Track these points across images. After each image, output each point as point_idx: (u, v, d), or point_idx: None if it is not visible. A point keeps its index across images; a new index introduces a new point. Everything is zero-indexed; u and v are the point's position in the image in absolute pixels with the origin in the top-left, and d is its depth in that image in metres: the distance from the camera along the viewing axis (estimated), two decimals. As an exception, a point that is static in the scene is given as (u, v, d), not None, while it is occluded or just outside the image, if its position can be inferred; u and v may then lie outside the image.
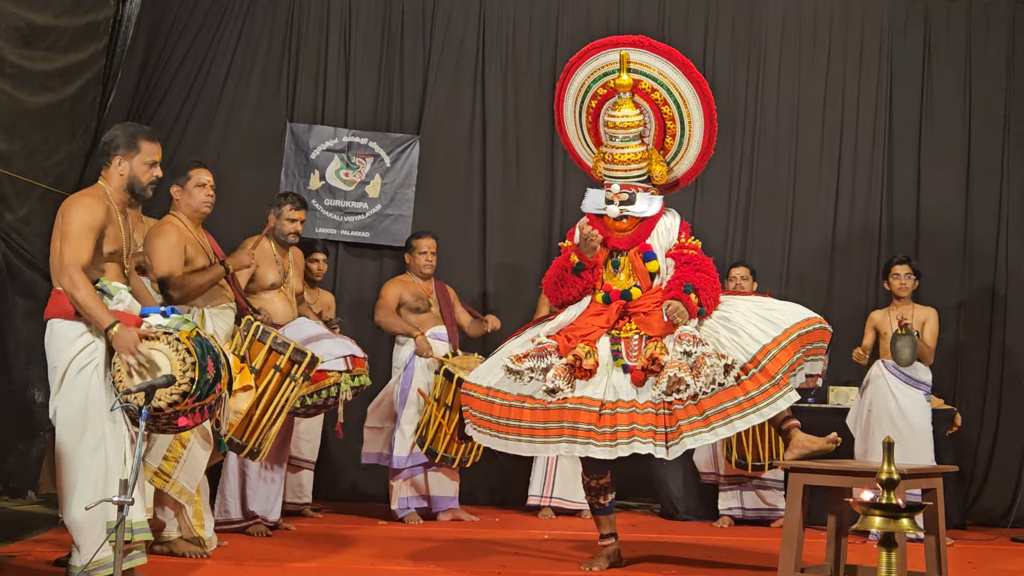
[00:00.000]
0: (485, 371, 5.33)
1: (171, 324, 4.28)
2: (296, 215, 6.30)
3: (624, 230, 5.30)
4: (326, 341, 5.98)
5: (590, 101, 5.45)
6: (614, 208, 5.27)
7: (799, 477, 4.70)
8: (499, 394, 5.12)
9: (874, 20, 8.48)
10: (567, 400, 4.93)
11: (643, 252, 5.32)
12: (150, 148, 4.52)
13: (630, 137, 5.29)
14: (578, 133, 5.57)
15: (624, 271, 5.31)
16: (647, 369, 4.94)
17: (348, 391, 5.95)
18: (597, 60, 5.35)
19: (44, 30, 6.35)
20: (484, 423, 5.19)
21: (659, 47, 5.29)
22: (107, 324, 4.22)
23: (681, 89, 5.33)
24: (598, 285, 5.31)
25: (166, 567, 4.84)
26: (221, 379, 4.33)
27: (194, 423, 4.35)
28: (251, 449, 5.41)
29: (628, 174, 5.31)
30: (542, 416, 4.96)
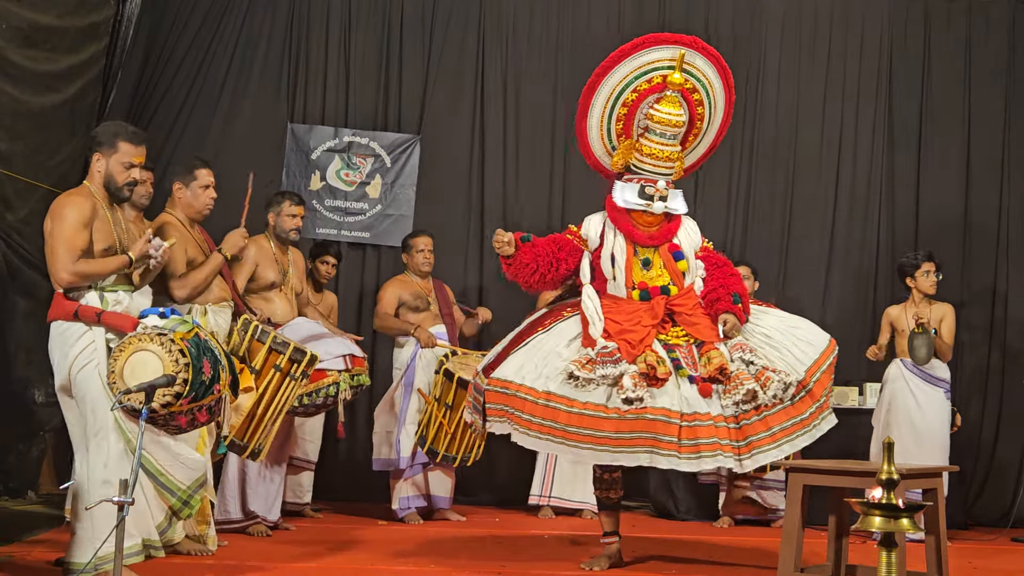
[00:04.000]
0: (531, 371, 5.05)
1: (167, 325, 4.27)
2: (296, 211, 6.30)
3: (650, 226, 5.30)
4: (325, 340, 5.98)
5: (629, 95, 5.34)
6: (660, 204, 5.26)
7: (799, 477, 4.70)
8: (563, 400, 4.90)
9: (874, 20, 8.48)
10: (646, 410, 4.80)
11: (673, 251, 5.31)
12: (129, 149, 4.53)
13: (675, 135, 5.30)
14: (602, 124, 5.43)
15: (655, 268, 5.29)
16: (714, 379, 4.92)
17: (347, 390, 5.95)
18: (645, 56, 5.28)
19: (47, 30, 6.36)
20: (543, 428, 4.91)
21: (708, 49, 5.35)
22: (127, 261, 4.43)
23: (715, 93, 5.41)
24: (629, 283, 5.25)
25: (168, 566, 4.84)
26: (219, 379, 4.31)
27: (196, 424, 4.35)
28: (252, 449, 5.42)
29: (669, 171, 5.32)
30: (623, 426, 4.80)
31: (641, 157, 5.30)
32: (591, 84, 5.35)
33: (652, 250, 5.31)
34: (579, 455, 4.90)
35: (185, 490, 4.61)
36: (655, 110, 5.28)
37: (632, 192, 5.27)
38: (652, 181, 5.27)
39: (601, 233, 5.34)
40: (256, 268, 6.07)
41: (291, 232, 6.29)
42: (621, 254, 5.28)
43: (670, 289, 5.24)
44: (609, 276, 5.29)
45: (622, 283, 5.26)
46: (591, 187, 8.36)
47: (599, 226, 5.35)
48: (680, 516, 7.51)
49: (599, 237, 5.34)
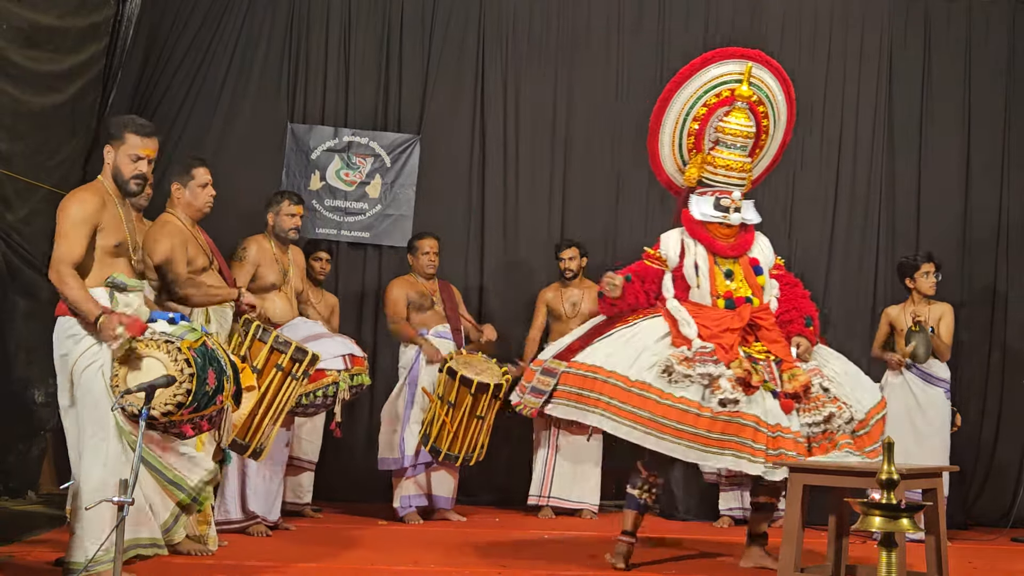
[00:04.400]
0: (621, 360, 5.12)
1: (176, 332, 4.22)
2: (295, 210, 6.30)
3: (727, 237, 5.42)
4: (325, 340, 5.98)
5: (700, 108, 5.50)
6: (736, 215, 5.38)
7: (799, 477, 4.70)
8: (657, 391, 4.97)
9: (874, 20, 8.48)
10: (739, 414, 4.88)
11: (753, 265, 5.45)
12: (136, 141, 4.47)
13: (744, 146, 5.44)
14: (674, 140, 5.57)
15: (737, 279, 5.39)
16: (795, 396, 5.00)
17: (346, 390, 5.95)
18: (714, 70, 5.45)
19: (48, 31, 6.35)
20: (632, 416, 4.97)
21: (771, 62, 5.57)
22: (95, 315, 4.20)
23: (779, 105, 5.60)
24: (714, 291, 5.34)
25: (169, 566, 4.84)
26: (223, 391, 4.27)
27: (197, 433, 4.34)
28: (254, 449, 5.41)
29: (742, 181, 5.44)
30: (715, 426, 4.87)
31: (714, 169, 5.42)
32: (662, 102, 5.51)
33: (733, 261, 5.43)
34: (667, 448, 4.92)
35: (194, 487, 4.59)
36: (725, 122, 5.44)
37: (708, 205, 5.39)
38: (727, 192, 5.38)
39: (680, 250, 5.43)
40: (257, 268, 6.08)
41: (290, 231, 6.29)
42: (704, 262, 5.38)
43: (753, 300, 5.34)
44: (693, 284, 5.37)
45: (707, 291, 5.35)
46: (591, 187, 8.39)
47: (677, 243, 5.45)
48: (680, 516, 7.51)
49: (679, 255, 5.43)
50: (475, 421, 6.73)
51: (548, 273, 8.02)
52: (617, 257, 8.31)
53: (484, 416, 6.75)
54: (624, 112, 8.38)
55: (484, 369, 6.80)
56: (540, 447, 7.45)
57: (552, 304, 7.67)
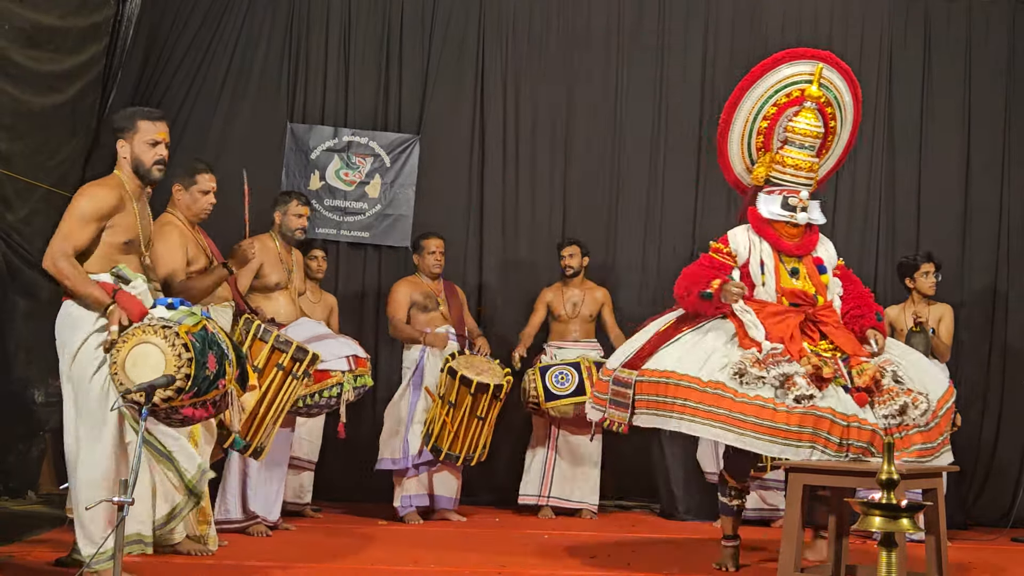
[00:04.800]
0: (692, 363, 5.10)
1: (174, 317, 4.21)
2: (303, 210, 6.31)
3: (793, 236, 5.44)
4: (329, 341, 5.98)
5: (770, 108, 5.54)
6: (803, 215, 5.40)
7: (799, 477, 4.70)
8: (731, 391, 4.95)
9: (874, 20, 8.48)
10: (815, 407, 4.86)
11: (817, 264, 5.47)
12: (149, 127, 4.49)
13: (813, 145, 5.45)
14: (743, 139, 5.60)
15: (802, 278, 5.41)
16: (868, 390, 5.01)
17: (350, 391, 5.95)
18: (784, 70, 5.50)
19: (50, 31, 6.35)
20: (709, 415, 4.96)
21: (841, 64, 5.61)
22: (105, 303, 4.22)
23: (846, 106, 5.63)
24: (779, 289, 5.35)
25: (169, 566, 4.84)
26: (225, 374, 4.27)
27: (199, 417, 4.33)
28: (255, 448, 5.41)
29: (809, 181, 5.44)
30: (792, 419, 4.85)
31: (783, 169, 5.43)
32: (732, 101, 5.55)
33: (797, 260, 5.44)
34: (749, 443, 4.90)
35: (190, 479, 4.59)
36: (794, 122, 5.47)
37: (775, 204, 5.40)
38: (794, 192, 5.39)
39: (748, 245, 5.43)
40: (261, 267, 6.07)
41: (297, 232, 6.29)
42: (769, 260, 5.39)
43: (818, 299, 5.36)
44: (758, 282, 5.37)
45: (772, 288, 5.35)
46: (591, 187, 8.39)
47: (745, 239, 5.45)
48: (680, 516, 7.51)
49: (747, 250, 5.43)
50: (475, 421, 6.73)
51: (548, 273, 8.02)
52: (617, 257, 8.35)
53: (484, 416, 6.76)
54: (624, 112, 8.39)
55: (485, 369, 6.81)
56: (540, 447, 7.45)
57: (553, 304, 7.67)
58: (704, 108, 8.43)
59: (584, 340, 7.62)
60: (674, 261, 8.37)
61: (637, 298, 8.31)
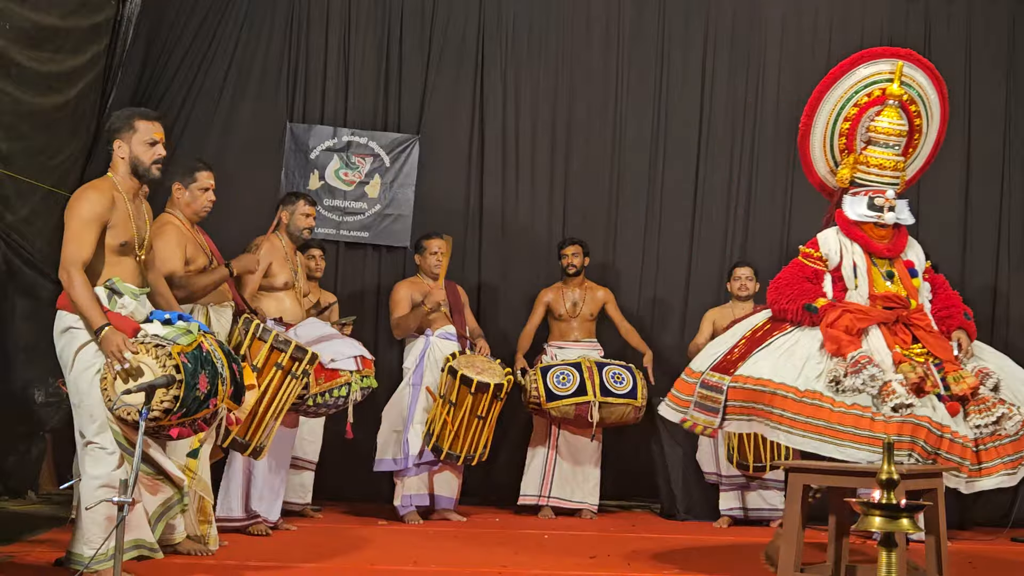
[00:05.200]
0: (789, 371, 4.99)
1: (169, 335, 4.19)
2: (310, 210, 6.32)
3: (882, 238, 5.34)
4: (336, 341, 5.98)
5: (851, 109, 5.45)
6: (891, 215, 5.30)
7: (799, 477, 4.69)
8: (829, 400, 4.86)
9: (874, 20, 8.48)
10: (911, 416, 4.77)
11: (908, 267, 5.37)
12: (147, 126, 4.48)
13: (897, 144, 5.36)
14: (825, 141, 5.53)
15: (896, 282, 5.30)
16: (961, 399, 4.90)
17: (358, 392, 5.95)
18: (863, 69, 5.41)
19: (51, 31, 6.35)
20: (808, 427, 4.85)
21: (922, 61, 5.50)
22: (98, 325, 4.19)
23: (932, 105, 5.55)
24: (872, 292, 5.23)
25: (169, 566, 4.84)
26: (217, 394, 4.24)
27: (187, 436, 4.33)
28: (254, 447, 5.41)
29: (895, 180, 5.35)
30: (890, 428, 4.74)
31: (867, 169, 5.34)
32: (812, 103, 5.46)
33: (889, 262, 5.34)
34: (846, 454, 4.78)
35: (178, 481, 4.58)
36: (877, 121, 5.37)
37: (862, 205, 5.31)
38: (880, 192, 5.30)
39: (839, 249, 5.33)
40: (269, 266, 6.06)
41: (304, 232, 6.30)
42: (861, 262, 5.29)
43: (911, 302, 5.24)
44: (851, 286, 5.27)
45: (864, 291, 5.25)
46: (590, 187, 8.39)
47: (836, 243, 5.35)
48: (680, 516, 7.50)
49: (838, 254, 5.33)
50: (476, 421, 6.73)
51: (547, 273, 8.02)
52: (617, 256, 8.35)
53: (485, 416, 6.76)
54: (624, 112, 8.39)
55: (485, 369, 6.81)
56: (540, 446, 7.45)
57: (553, 304, 7.67)
58: (704, 108, 8.43)
59: (585, 340, 7.63)
60: (673, 261, 8.40)
61: (637, 298, 8.32)
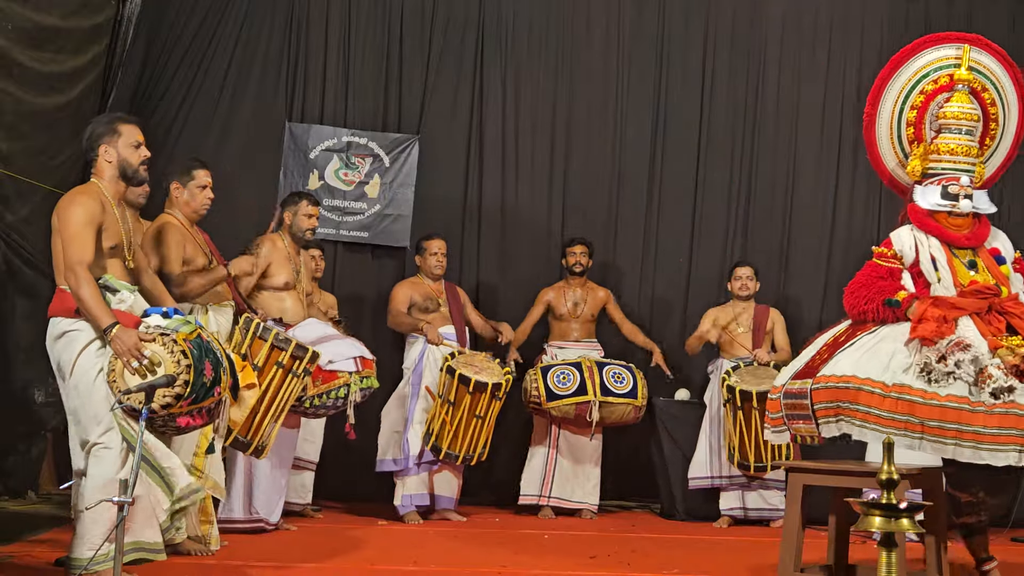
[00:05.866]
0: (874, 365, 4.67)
1: (170, 325, 4.24)
2: (313, 211, 6.29)
3: (960, 228, 5.03)
4: (336, 341, 5.98)
5: (917, 97, 5.21)
6: (967, 202, 4.99)
7: (799, 477, 4.68)
8: (919, 392, 4.53)
9: (874, 20, 8.48)
10: (1015, 405, 4.43)
11: (995, 255, 5.06)
12: (130, 130, 4.51)
13: (971, 130, 5.09)
14: (892, 131, 5.27)
15: (981, 271, 4.98)
16: None
17: (357, 392, 5.95)
18: (928, 55, 5.18)
19: (53, 32, 6.35)
20: (896, 423, 4.53)
21: (992, 45, 5.22)
22: (106, 324, 4.21)
23: (1006, 91, 5.26)
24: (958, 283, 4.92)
25: (169, 567, 4.84)
26: (220, 382, 4.30)
27: (194, 425, 4.34)
28: (256, 447, 5.40)
29: (970, 167, 5.07)
30: (991, 421, 4.43)
31: (939, 156, 5.09)
32: (875, 92, 5.24)
33: (971, 252, 5.04)
34: (948, 451, 4.49)
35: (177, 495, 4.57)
36: (947, 107, 5.12)
37: (934, 194, 5.04)
38: (954, 179, 5.02)
39: (914, 244, 5.06)
40: (269, 266, 6.06)
41: (307, 232, 6.28)
42: (940, 254, 5.01)
43: (1001, 290, 4.90)
44: (933, 280, 4.97)
45: (949, 282, 4.94)
46: (590, 187, 8.39)
47: (909, 238, 5.08)
48: (680, 516, 7.50)
49: (913, 250, 5.05)
50: (475, 420, 6.74)
51: (547, 273, 8.02)
52: (617, 256, 8.35)
53: (484, 415, 6.76)
54: (623, 112, 8.39)
55: (484, 368, 6.82)
56: (540, 446, 7.45)
57: (554, 303, 7.67)
58: (704, 108, 8.43)
59: (585, 340, 7.63)
60: (673, 261, 8.39)
61: (637, 298, 8.33)
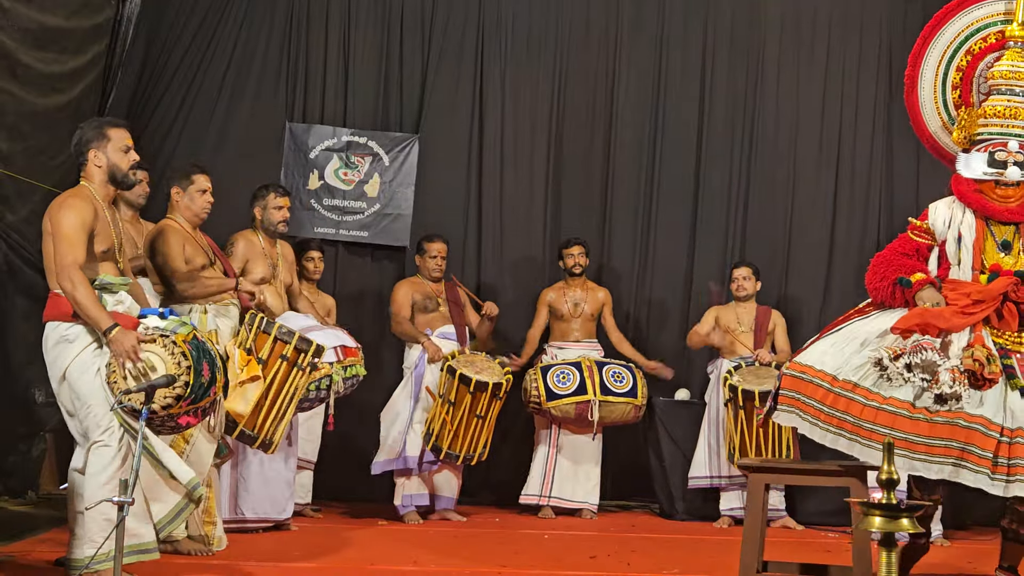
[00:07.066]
0: (834, 358, 4.42)
1: (168, 326, 4.26)
2: (282, 202, 6.22)
3: (1008, 199, 4.56)
4: (315, 332, 5.94)
5: (962, 57, 4.84)
6: (1015, 170, 4.54)
7: (759, 477, 4.55)
8: (863, 392, 4.27)
9: (873, 20, 8.48)
10: (961, 415, 4.14)
11: None
12: (119, 134, 4.55)
13: (1020, 91, 4.64)
14: (935, 93, 4.91)
15: (1015, 252, 4.54)
16: None
17: (340, 383, 5.91)
18: (975, 12, 4.79)
19: (56, 32, 6.35)
20: (832, 420, 4.30)
21: None
22: (106, 326, 4.21)
23: None
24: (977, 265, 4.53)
25: (169, 566, 4.84)
26: (216, 382, 4.32)
27: (191, 425, 4.36)
28: (263, 440, 5.38)
29: (1021, 132, 4.59)
30: (930, 430, 4.15)
31: (986, 119, 4.66)
32: (916, 52, 4.89)
33: (1012, 229, 4.57)
34: (872, 455, 4.21)
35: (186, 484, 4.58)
36: (996, 66, 4.70)
37: (980, 161, 4.63)
38: (1002, 144, 4.58)
39: (949, 219, 4.66)
40: (246, 263, 6.06)
41: (279, 225, 6.21)
42: (969, 232, 4.59)
43: None
44: (954, 261, 4.60)
45: (968, 265, 4.56)
46: (589, 187, 8.39)
47: (947, 212, 4.69)
48: (680, 516, 7.50)
49: (946, 225, 4.66)
50: (475, 420, 6.73)
51: (546, 272, 8.02)
52: (616, 257, 8.35)
53: (484, 415, 6.76)
54: (623, 112, 8.39)
55: (484, 368, 6.81)
56: (540, 445, 7.45)
57: (554, 304, 7.67)
58: (704, 108, 8.43)
59: (585, 340, 7.62)
60: (671, 261, 8.39)
61: (636, 298, 8.32)
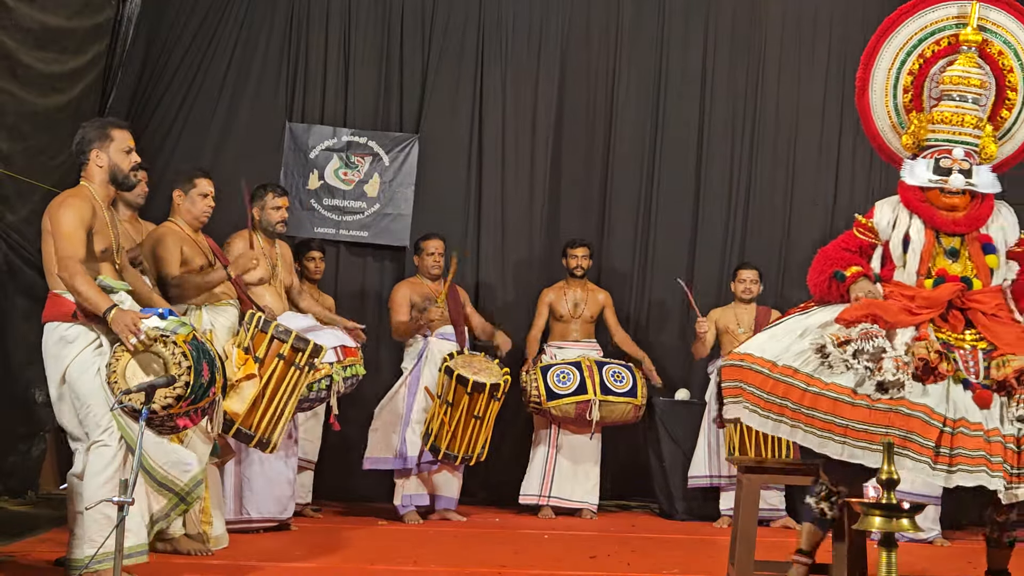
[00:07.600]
0: (774, 346, 4.31)
1: (168, 327, 4.27)
2: (280, 202, 6.21)
3: (954, 209, 4.42)
4: (314, 333, 5.94)
5: (915, 61, 4.68)
6: (958, 178, 4.38)
7: (754, 478, 4.53)
8: (804, 377, 4.14)
9: (873, 20, 8.38)
10: (903, 403, 4.02)
11: (983, 243, 4.44)
12: (122, 135, 4.57)
13: (976, 98, 4.49)
14: (887, 95, 4.77)
15: (962, 260, 4.43)
16: (1002, 387, 4.09)
17: (340, 382, 5.92)
18: (928, 15, 4.63)
19: (57, 32, 6.35)
20: (773, 407, 4.16)
21: (1013, 4, 4.60)
22: (105, 307, 4.24)
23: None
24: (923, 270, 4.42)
25: (169, 566, 4.84)
26: (216, 383, 4.34)
27: (190, 425, 4.37)
28: (260, 439, 5.37)
29: (972, 140, 4.46)
30: (866, 415, 4.02)
31: (934, 125, 4.53)
32: (868, 52, 4.77)
33: (959, 239, 4.45)
34: (815, 443, 4.08)
35: (183, 486, 4.58)
36: (948, 72, 4.54)
37: (924, 167, 4.48)
38: (946, 151, 4.44)
39: (894, 221, 4.56)
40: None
41: (278, 225, 6.20)
42: (918, 236, 4.46)
43: (972, 282, 4.36)
44: (899, 263, 4.50)
45: (913, 270, 4.44)
46: (589, 187, 8.40)
47: (891, 214, 4.59)
48: (680, 516, 7.51)
49: (890, 226, 4.56)
50: (473, 421, 6.73)
51: (546, 273, 8.02)
52: (616, 257, 8.35)
53: (482, 416, 6.75)
54: (623, 112, 8.39)
55: (482, 369, 6.81)
56: (540, 445, 7.45)
57: (554, 304, 7.67)
58: (704, 108, 8.43)
59: (585, 340, 7.63)
60: (671, 261, 8.39)
61: (636, 299, 8.33)
